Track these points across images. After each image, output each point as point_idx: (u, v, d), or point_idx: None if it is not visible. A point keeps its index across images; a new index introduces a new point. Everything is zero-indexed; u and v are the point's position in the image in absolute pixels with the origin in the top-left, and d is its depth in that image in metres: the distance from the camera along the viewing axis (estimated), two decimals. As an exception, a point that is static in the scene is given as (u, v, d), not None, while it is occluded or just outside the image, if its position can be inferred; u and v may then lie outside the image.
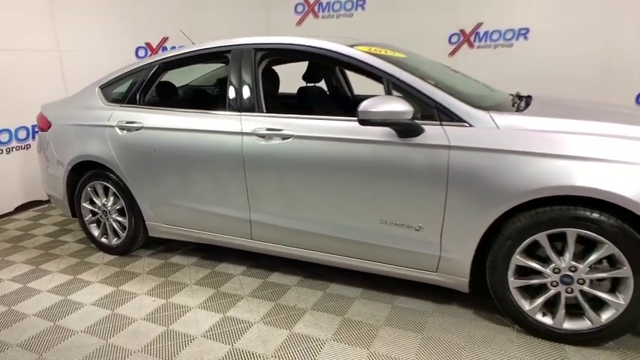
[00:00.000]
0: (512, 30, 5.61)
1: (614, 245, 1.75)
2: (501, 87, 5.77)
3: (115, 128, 2.83)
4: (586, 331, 1.89)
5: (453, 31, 5.94)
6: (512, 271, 1.95)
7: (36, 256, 3.15)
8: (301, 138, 2.26)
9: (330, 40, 2.35)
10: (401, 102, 1.96)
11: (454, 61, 6.00)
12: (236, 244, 2.66)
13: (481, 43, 5.86)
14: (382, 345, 2.00)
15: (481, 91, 2.72)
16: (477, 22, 5.79)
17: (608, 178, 1.71)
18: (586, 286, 1.85)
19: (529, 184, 1.81)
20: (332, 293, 2.47)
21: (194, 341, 2.09)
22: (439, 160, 1.97)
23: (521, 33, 5.57)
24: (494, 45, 5.78)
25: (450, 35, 5.97)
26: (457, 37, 5.95)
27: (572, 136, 1.82)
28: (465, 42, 5.94)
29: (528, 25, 5.49)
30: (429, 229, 2.07)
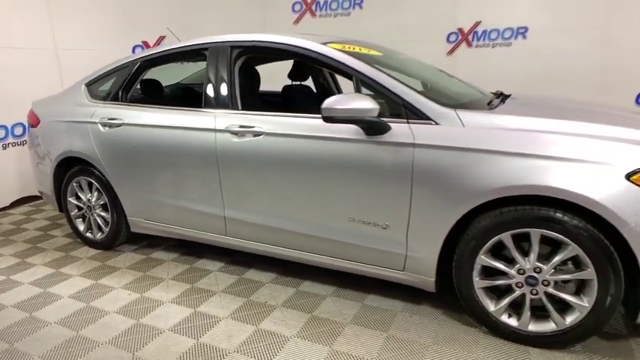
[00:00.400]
0: (510, 29, 5.54)
1: (578, 246, 1.72)
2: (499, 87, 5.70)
3: (97, 125, 2.87)
4: (551, 333, 1.86)
5: (451, 30, 5.89)
6: (478, 271, 1.93)
7: (24, 250, 3.22)
8: (272, 135, 2.26)
9: (302, 37, 2.35)
10: (366, 100, 1.95)
11: (452, 60, 5.96)
12: (212, 240, 2.67)
13: (479, 43, 5.80)
14: (345, 343, 1.99)
15: (459, 88, 2.70)
16: (475, 20, 5.73)
17: (572, 177, 1.67)
18: (551, 287, 1.82)
19: (491, 183, 1.79)
20: (304, 291, 2.47)
21: (161, 335, 2.11)
22: (404, 158, 1.96)
23: (520, 32, 5.49)
24: (493, 44, 5.72)
25: (448, 34, 5.92)
26: (455, 36, 5.90)
27: (537, 134, 1.79)
28: (463, 41, 5.88)
29: (527, 24, 5.42)
30: (395, 228, 2.06)
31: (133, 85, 2.94)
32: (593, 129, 1.80)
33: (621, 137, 1.74)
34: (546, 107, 2.35)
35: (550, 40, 5.28)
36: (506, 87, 5.64)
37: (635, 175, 1.62)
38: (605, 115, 2.21)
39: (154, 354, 1.97)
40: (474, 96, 2.52)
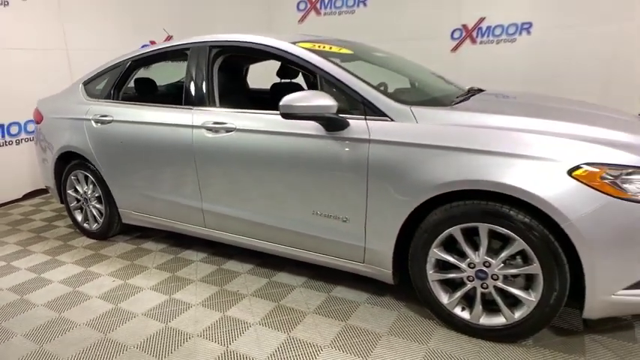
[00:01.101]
0: (515, 25, 5.47)
1: (524, 241, 1.74)
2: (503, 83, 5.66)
3: (91, 121, 3.04)
4: (501, 327, 1.89)
5: (455, 27, 5.85)
6: (431, 264, 1.97)
7: (27, 238, 3.44)
8: (242, 131, 2.36)
9: (272, 36, 2.44)
10: (324, 97, 2.02)
11: (456, 57, 5.92)
12: (193, 232, 2.80)
13: (483, 39, 5.74)
14: (303, 330, 2.07)
15: (433, 83, 2.73)
16: (479, 16, 5.68)
17: (515, 173, 1.70)
18: (500, 281, 1.85)
19: (438, 178, 1.83)
20: (276, 281, 2.56)
21: (134, 318, 2.24)
22: (360, 154, 2.02)
23: (524, 27, 5.41)
24: (497, 40, 5.65)
25: (452, 31, 5.88)
26: (459, 33, 5.86)
27: (485, 130, 1.82)
28: (467, 37, 5.83)
29: (531, 20, 5.33)
30: (354, 221, 2.12)
31: (124, 83, 3.09)
32: (544, 125, 1.82)
33: (569, 133, 1.75)
34: (508, 104, 2.36)
35: (555, 36, 5.18)
36: (509, 83, 5.61)
37: (577, 171, 1.64)
38: (570, 112, 2.20)
39: (124, 335, 2.10)
40: (445, 92, 2.54)
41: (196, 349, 1.98)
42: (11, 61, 4.33)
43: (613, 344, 1.87)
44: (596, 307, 1.70)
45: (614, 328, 1.97)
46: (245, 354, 1.93)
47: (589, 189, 1.61)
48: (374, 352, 1.89)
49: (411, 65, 3.13)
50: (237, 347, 1.97)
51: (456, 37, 5.92)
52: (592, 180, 1.62)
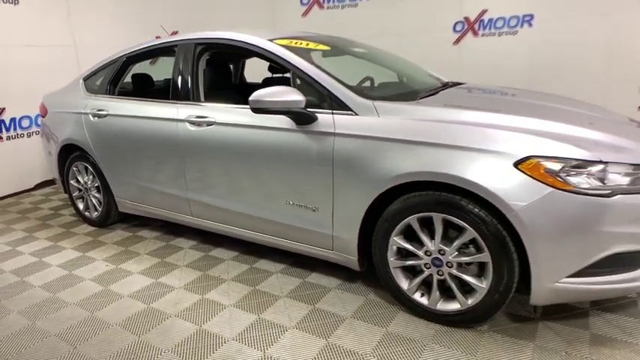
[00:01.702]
0: (516, 17, 5.43)
1: (475, 231, 1.82)
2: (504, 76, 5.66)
3: (89, 115, 3.22)
4: (455, 312, 1.97)
5: (457, 19, 5.84)
6: (392, 252, 2.07)
7: (33, 225, 3.66)
8: (221, 125, 2.49)
9: (251, 33, 2.54)
10: (292, 92, 2.12)
11: (458, 50, 5.91)
12: (181, 220, 2.96)
13: (485, 31, 5.71)
14: (273, 312, 2.20)
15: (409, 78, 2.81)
16: (481, 9, 5.65)
17: (464, 164, 1.77)
18: (454, 269, 1.93)
19: (394, 170, 1.92)
20: (257, 268, 2.70)
21: (120, 299, 2.42)
22: (326, 146, 2.12)
23: (526, 20, 5.37)
24: (499, 33, 5.62)
25: (454, 23, 5.87)
26: (461, 26, 5.85)
27: (439, 124, 1.90)
28: (469, 30, 5.82)
29: (533, 12, 5.28)
30: (323, 211, 2.23)
31: (120, 79, 3.26)
32: (499, 119, 1.88)
33: (521, 127, 1.81)
34: (474, 98, 2.42)
35: (556, 27, 5.13)
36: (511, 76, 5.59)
37: (523, 164, 1.70)
38: (533, 107, 2.25)
39: (108, 314, 2.27)
40: (422, 86, 2.61)
41: (172, 327, 2.13)
42: (22, 57, 4.57)
43: (564, 331, 1.94)
44: (542, 294, 1.77)
45: (570, 316, 2.04)
46: (216, 333, 2.07)
47: (533, 181, 1.68)
48: (335, 334, 2.01)
49: (393, 59, 3.20)
50: (210, 327, 2.12)
51: (458, 29, 5.90)
52: (536, 172, 1.68)
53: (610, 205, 1.65)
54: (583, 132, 1.84)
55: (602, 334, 1.91)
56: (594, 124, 2.03)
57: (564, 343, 1.87)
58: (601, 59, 4.87)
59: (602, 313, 2.05)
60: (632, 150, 1.79)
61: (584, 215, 1.66)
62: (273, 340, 1.99)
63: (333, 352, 1.89)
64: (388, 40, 6.28)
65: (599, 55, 4.88)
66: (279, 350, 1.92)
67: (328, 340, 1.97)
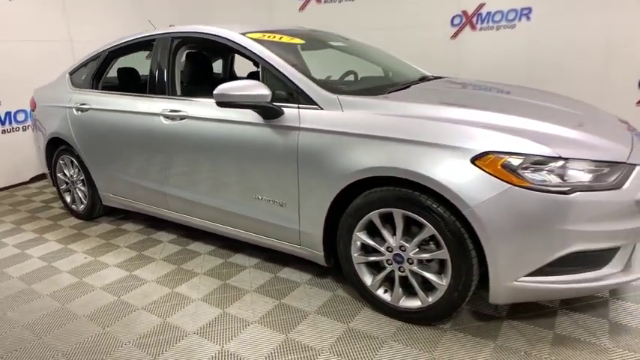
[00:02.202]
0: (514, 10, 5.32)
1: (433, 227, 1.79)
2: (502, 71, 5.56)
3: (73, 109, 3.25)
4: (417, 309, 1.95)
5: (455, 13, 5.74)
6: (356, 247, 2.05)
7: (23, 218, 3.72)
8: (193, 118, 2.49)
9: (224, 27, 2.53)
10: (258, 86, 2.10)
11: (456, 44, 5.82)
12: (160, 214, 2.97)
13: (483, 25, 5.62)
14: (239, 307, 2.20)
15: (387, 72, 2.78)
16: (479, 2, 5.55)
17: (421, 160, 1.74)
18: (415, 266, 1.91)
19: (355, 165, 1.89)
20: (231, 262, 2.70)
21: (93, 292, 2.44)
22: (291, 141, 2.10)
23: (524, 13, 5.26)
24: (497, 26, 5.52)
25: (452, 17, 5.78)
26: (459, 19, 5.75)
27: (403, 119, 1.86)
28: (467, 24, 5.72)
29: (531, 5, 5.17)
30: (290, 205, 2.21)
31: (103, 73, 3.27)
32: (462, 114, 1.84)
33: (482, 122, 1.77)
34: (444, 93, 2.38)
35: (555, 22, 5.02)
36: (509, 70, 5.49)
37: (479, 159, 1.66)
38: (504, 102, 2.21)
39: (78, 306, 2.30)
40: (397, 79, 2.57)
41: (137, 320, 2.15)
42: (18, 52, 4.62)
43: (528, 330, 1.90)
44: (501, 293, 1.74)
45: (537, 316, 2.00)
46: (179, 326, 2.08)
47: (490, 177, 1.64)
48: (296, 329, 2.00)
49: (373, 52, 3.17)
50: (174, 320, 2.13)
51: (455, 23, 5.81)
52: (493, 168, 1.64)
53: (569, 202, 1.60)
54: (548, 128, 1.78)
55: (567, 334, 1.86)
56: (569, 121, 1.96)
57: (526, 342, 1.83)
58: (600, 54, 4.75)
59: (570, 312, 2.01)
60: (600, 147, 1.74)
61: (542, 212, 1.61)
62: (233, 335, 1.99)
63: (291, 348, 1.88)
64: (385, 34, 6.21)
65: (598, 49, 4.75)
66: (237, 345, 1.92)
67: (288, 335, 1.96)
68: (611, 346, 1.78)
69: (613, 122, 2.18)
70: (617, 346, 1.78)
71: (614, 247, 1.73)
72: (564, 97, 2.56)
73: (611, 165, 1.69)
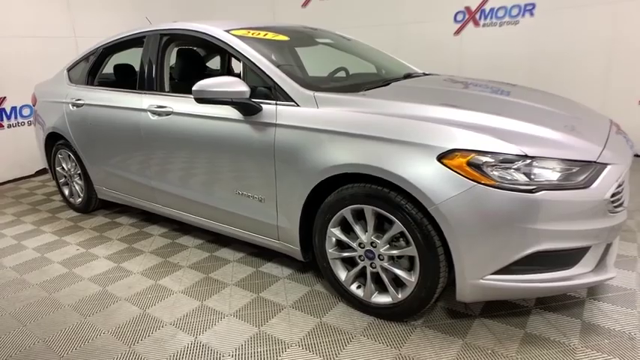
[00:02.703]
0: (517, 6, 5.25)
1: (401, 223, 1.80)
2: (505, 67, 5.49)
3: (69, 105, 3.33)
4: (388, 305, 1.96)
5: (458, 9, 5.69)
6: (331, 243, 2.07)
7: (24, 210, 3.83)
8: (178, 114, 2.53)
9: (208, 24, 2.56)
10: (236, 83, 2.13)
11: (459, 40, 5.76)
12: (148, 208, 3.03)
13: (487, 21, 5.56)
14: (216, 300, 2.24)
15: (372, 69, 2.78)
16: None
17: (389, 157, 1.75)
18: (385, 262, 1.92)
19: (327, 161, 1.91)
20: (217, 256, 2.74)
21: (79, 282, 2.51)
22: (268, 137, 2.12)
23: (527, 9, 5.18)
24: (500, 22, 5.46)
25: (455, 13, 5.73)
26: (462, 15, 5.71)
27: (374, 117, 1.87)
28: (470, 20, 5.66)
29: (534, 0, 5.08)
30: (268, 201, 2.24)
31: (98, 69, 3.34)
32: (432, 112, 1.83)
33: (451, 120, 1.76)
34: (426, 91, 2.36)
35: (558, 17, 4.94)
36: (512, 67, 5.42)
37: (447, 157, 1.66)
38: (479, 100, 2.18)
39: (64, 295, 2.37)
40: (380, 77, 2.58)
41: (118, 310, 2.21)
42: (23, 48, 4.75)
43: (499, 329, 1.90)
44: (467, 291, 1.74)
45: (509, 314, 1.99)
46: (157, 317, 2.13)
47: (455, 174, 1.64)
48: (269, 322, 2.03)
49: (362, 49, 3.16)
50: (153, 311, 2.18)
51: (459, 19, 5.76)
52: (459, 166, 1.64)
53: (534, 200, 1.59)
54: (519, 126, 1.76)
55: (537, 334, 1.85)
56: (546, 120, 1.92)
57: (495, 341, 1.83)
58: (603, 50, 4.65)
59: (544, 312, 2.00)
60: (570, 146, 1.71)
61: (508, 211, 1.61)
62: (207, 327, 2.03)
63: (261, 340, 1.91)
64: (388, 30, 6.19)
65: (601, 45, 4.66)
66: (210, 336, 1.96)
67: (260, 328, 2.00)
68: (580, 346, 1.77)
69: (597, 123, 2.13)
70: (586, 346, 1.76)
71: (584, 247, 1.71)
72: (552, 96, 2.53)
73: (580, 164, 1.67)
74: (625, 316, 1.94)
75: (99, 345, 1.95)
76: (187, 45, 3.11)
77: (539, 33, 5.11)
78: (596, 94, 4.74)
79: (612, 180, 1.69)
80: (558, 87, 4.97)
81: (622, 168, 1.75)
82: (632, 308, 1.98)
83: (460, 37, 5.79)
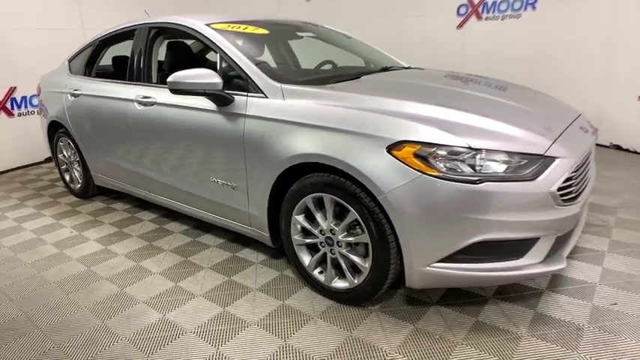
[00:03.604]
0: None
1: (356, 212, 1.87)
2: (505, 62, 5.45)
3: (67, 95, 3.49)
4: (345, 290, 2.04)
5: (461, 2, 5.65)
6: (296, 230, 2.15)
7: (28, 195, 4.04)
8: (161, 105, 2.65)
9: (190, 17, 2.66)
10: (209, 74, 2.22)
11: (462, 34, 5.73)
12: (137, 194, 3.18)
13: (489, 15, 5.52)
14: (190, 282, 2.36)
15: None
16: (485, -9, 5.43)
17: (341, 147, 1.82)
18: (343, 248, 1.99)
19: (288, 151, 1.99)
20: (199, 241, 2.86)
21: (67, 262, 2.67)
22: (239, 127, 2.22)
23: (530, 2, 5.12)
24: (502, 16, 5.41)
25: (458, 6, 5.69)
26: (465, 9, 5.67)
27: (332, 108, 1.94)
28: (473, 13, 5.62)
29: (537, -7, 5.02)
30: (240, 189, 2.34)
31: (95, 60, 3.49)
32: (389, 105, 1.88)
33: (405, 113, 1.82)
34: (389, 85, 2.40)
35: (560, 11, 4.86)
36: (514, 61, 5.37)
37: (395, 148, 1.72)
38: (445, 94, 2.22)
39: (52, 274, 2.53)
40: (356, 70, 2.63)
41: (99, 288, 2.35)
42: (33, 40, 4.95)
43: (452, 316, 1.96)
44: (415, 278, 1.80)
45: (466, 303, 2.05)
46: (133, 296, 2.26)
47: (403, 165, 1.70)
48: (234, 303, 2.14)
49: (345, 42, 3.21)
50: (130, 290, 2.31)
51: (462, 12, 5.73)
52: (406, 157, 1.70)
53: (477, 191, 1.64)
54: (470, 119, 1.80)
55: (488, 322, 1.91)
56: (502, 113, 1.95)
57: (445, 327, 1.89)
58: (604, 44, 4.56)
59: (500, 302, 2.04)
60: (518, 139, 1.74)
61: (451, 201, 1.66)
62: (177, 305, 2.15)
63: (224, 319, 2.02)
64: (390, 23, 6.19)
65: (602, 39, 4.57)
66: (177, 314, 2.08)
67: (225, 308, 2.11)
68: (527, 334, 1.81)
69: (557, 116, 2.14)
70: (533, 335, 1.81)
71: (532, 238, 1.76)
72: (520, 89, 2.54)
73: (527, 157, 1.71)
74: (579, 307, 1.97)
75: (75, 319, 2.09)
76: (174, 38, 3.22)
77: (541, 27, 5.05)
78: (596, 88, 4.67)
79: (560, 173, 1.73)
80: (559, 81, 4.92)
81: (572, 162, 1.78)
82: (588, 301, 2.01)
83: (463, 31, 5.75)
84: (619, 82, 4.48)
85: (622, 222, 2.80)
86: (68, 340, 1.94)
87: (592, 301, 2.01)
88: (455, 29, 5.80)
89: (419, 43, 6.07)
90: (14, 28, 4.81)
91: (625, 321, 1.86)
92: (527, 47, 5.22)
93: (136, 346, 1.87)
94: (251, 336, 1.90)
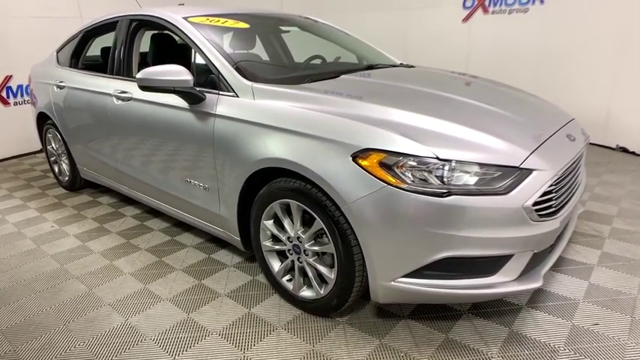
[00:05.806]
0: (528, -8, 4.96)
1: (321, 221, 1.78)
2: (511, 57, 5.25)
3: (54, 86, 3.44)
4: (311, 300, 1.96)
5: (467, -5, 5.44)
6: (266, 235, 2.07)
7: (18, 185, 4.03)
8: (137, 100, 2.57)
9: (171, 10, 2.57)
10: (179, 71, 2.13)
11: (468, 28, 5.53)
12: (118, 189, 3.13)
13: (496, 8, 5.31)
14: (159, 284, 2.31)
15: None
16: (491, -17, 5.22)
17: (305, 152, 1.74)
18: (310, 257, 1.91)
19: (256, 155, 1.90)
20: (177, 240, 2.81)
21: (43, 258, 2.64)
22: (208, 127, 2.13)
23: (537, -4, 4.88)
24: (509, 10, 5.20)
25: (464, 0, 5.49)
26: (472, 2, 5.46)
27: (298, 110, 1.84)
28: (479, 7, 5.42)
29: (545, -13, 4.79)
30: (212, 190, 2.26)
31: (81, 51, 3.43)
32: (357, 109, 1.78)
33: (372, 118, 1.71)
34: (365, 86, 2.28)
35: (568, 6, 4.65)
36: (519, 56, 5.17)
37: (360, 156, 1.62)
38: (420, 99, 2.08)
39: (25, 271, 2.50)
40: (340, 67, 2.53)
41: (67, 287, 2.31)
42: (29, 27, 4.92)
43: (422, 331, 1.87)
44: (380, 292, 1.71)
45: (438, 318, 1.95)
46: (100, 297, 2.22)
47: (367, 174, 1.60)
48: (200, 309, 2.08)
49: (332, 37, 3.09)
50: (98, 291, 2.27)
51: (468, 5, 5.53)
52: (370, 166, 1.60)
53: (443, 205, 1.54)
54: (442, 126, 1.68)
55: (458, 340, 1.81)
56: (479, 120, 1.82)
57: (411, 344, 1.80)
58: (613, 39, 4.34)
59: (474, 318, 1.94)
60: (492, 149, 1.63)
61: (416, 214, 1.56)
62: (142, 309, 2.10)
63: (186, 326, 1.96)
64: (395, 15, 6.01)
65: (611, 34, 4.35)
66: (140, 319, 2.02)
67: (190, 314, 2.05)
68: (497, 355, 1.72)
69: (541, 124, 2.00)
70: (504, 356, 1.71)
71: (505, 255, 1.65)
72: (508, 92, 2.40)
73: (501, 169, 1.60)
74: (557, 327, 1.86)
75: (38, 320, 2.05)
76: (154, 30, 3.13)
77: (549, 21, 4.84)
78: (604, 88, 4.46)
79: (536, 187, 1.61)
80: (565, 79, 4.73)
81: (551, 174, 1.66)
82: (568, 320, 1.90)
83: (469, 24, 5.56)
84: (628, 82, 4.27)
85: (616, 232, 2.66)
86: (26, 342, 1.91)
87: (572, 320, 1.90)
88: (460, 23, 5.61)
89: (423, 36, 5.90)
90: (12, 16, 4.77)
91: (603, 344, 1.75)
92: (533, 43, 5.02)
93: (92, 352, 1.83)
94: (210, 345, 1.83)
